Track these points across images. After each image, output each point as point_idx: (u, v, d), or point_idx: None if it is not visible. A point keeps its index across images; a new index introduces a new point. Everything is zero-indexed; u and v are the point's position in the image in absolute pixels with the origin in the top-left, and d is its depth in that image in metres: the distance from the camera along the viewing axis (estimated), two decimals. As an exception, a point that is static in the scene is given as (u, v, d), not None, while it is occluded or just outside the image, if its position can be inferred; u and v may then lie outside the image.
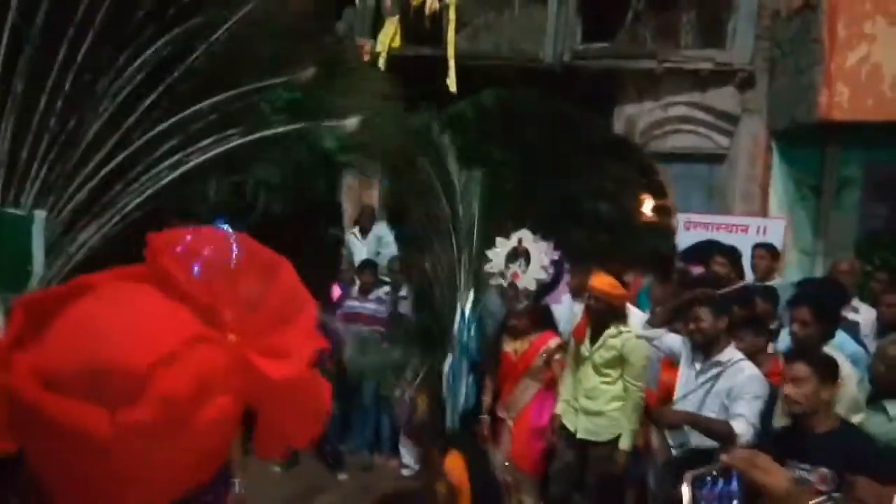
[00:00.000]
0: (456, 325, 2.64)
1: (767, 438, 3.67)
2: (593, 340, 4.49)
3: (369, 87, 2.35)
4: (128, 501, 0.87)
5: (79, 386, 0.82)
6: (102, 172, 1.64)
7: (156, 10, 1.73)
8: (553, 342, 4.60)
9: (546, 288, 4.23)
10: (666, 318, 4.28)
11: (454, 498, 2.15)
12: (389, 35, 8.82)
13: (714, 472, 0.99)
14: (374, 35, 8.97)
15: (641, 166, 4.53)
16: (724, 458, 1.02)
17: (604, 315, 4.44)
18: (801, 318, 3.83)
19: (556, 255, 4.04)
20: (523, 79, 8.64)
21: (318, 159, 2.08)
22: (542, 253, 4.01)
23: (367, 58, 9.02)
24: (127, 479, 0.85)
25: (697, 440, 3.68)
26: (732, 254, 5.94)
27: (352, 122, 2.07)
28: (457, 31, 8.66)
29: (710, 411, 3.72)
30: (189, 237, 0.92)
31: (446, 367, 2.67)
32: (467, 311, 2.72)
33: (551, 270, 4.06)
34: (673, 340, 4.20)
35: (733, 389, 3.69)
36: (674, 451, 3.55)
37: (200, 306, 0.88)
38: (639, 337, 4.38)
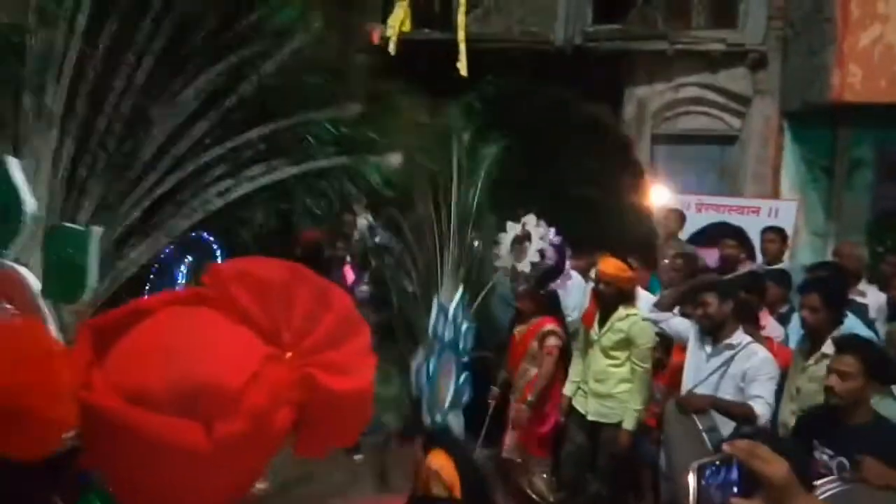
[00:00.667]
0: (432, 322, 2.66)
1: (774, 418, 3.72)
2: (601, 324, 4.55)
3: (411, 124, 2.40)
4: None
5: (170, 403, 0.91)
6: (155, 194, 1.70)
7: (211, 38, 1.79)
8: (547, 327, 4.64)
9: (549, 273, 4.27)
10: (673, 302, 4.33)
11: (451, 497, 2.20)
12: (399, 19, 8.80)
13: (717, 462, 1.04)
14: (384, 19, 8.95)
15: (619, 148, 4.52)
16: (725, 447, 1.06)
17: (612, 298, 4.49)
18: (810, 304, 3.86)
19: (556, 240, 4.07)
20: (534, 61, 8.63)
21: (362, 191, 2.14)
22: (539, 237, 4.07)
23: (376, 41, 9.02)
24: (210, 486, 0.94)
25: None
26: (741, 235, 5.97)
27: (395, 159, 2.12)
28: (467, 13, 8.63)
29: (726, 393, 3.78)
30: (249, 265, 1.01)
31: (415, 362, 2.67)
32: (451, 308, 2.74)
33: (551, 254, 4.09)
34: (680, 323, 4.25)
35: (748, 372, 3.74)
36: (705, 436, 3.55)
37: (261, 328, 0.98)
38: (645, 320, 4.44)
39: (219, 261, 2.43)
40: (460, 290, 2.68)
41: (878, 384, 3.11)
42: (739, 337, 3.91)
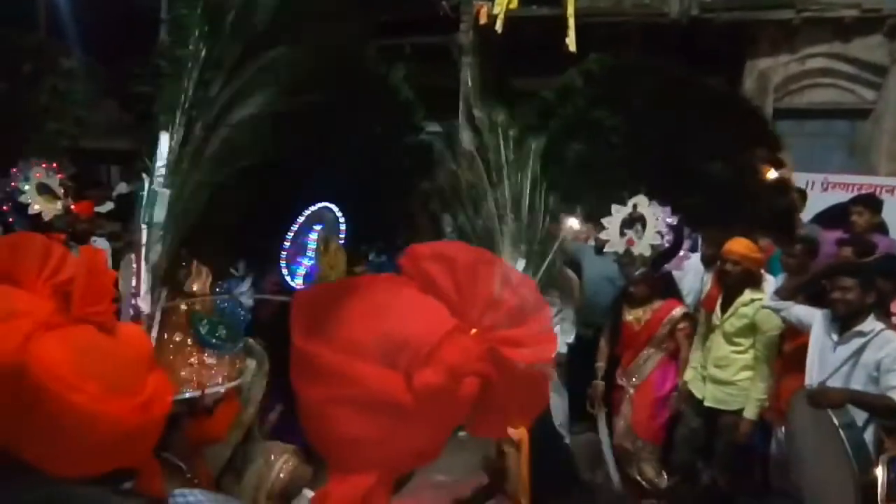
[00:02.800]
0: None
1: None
2: (724, 308, 4.38)
3: None
4: (392, 458, 1.05)
5: (376, 355, 1.03)
6: None
7: None
8: (678, 311, 4.49)
9: (665, 255, 4.14)
10: (796, 290, 4.10)
11: (514, 454, 2.20)
12: (507, -4, 8.73)
13: None
14: (491, -3, 8.90)
15: (755, 122, 4.22)
16: None
17: (738, 280, 4.31)
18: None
19: (673, 220, 3.93)
20: (647, 35, 8.33)
21: None
22: (657, 218, 3.92)
23: (484, 20, 8.98)
24: (400, 441, 1.04)
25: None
26: (871, 201, 5.54)
27: None
28: (576, -13, 8.43)
29: (857, 384, 3.55)
30: (441, 247, 1.12)
31: None
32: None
33: (669, 236, 3.95)
34: (801, 310, 4.02)
35: (884, 361, 3.48)
36: (842, 433, 3.26)
37: (451, 302, 1.09)
38: (765, 307, 4.23)
39: (343, 228, 2.56)
40: (522, 261, 2.74)
41: None
42: (872, 324, 3.65)
